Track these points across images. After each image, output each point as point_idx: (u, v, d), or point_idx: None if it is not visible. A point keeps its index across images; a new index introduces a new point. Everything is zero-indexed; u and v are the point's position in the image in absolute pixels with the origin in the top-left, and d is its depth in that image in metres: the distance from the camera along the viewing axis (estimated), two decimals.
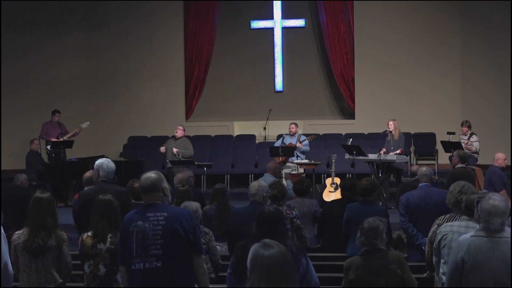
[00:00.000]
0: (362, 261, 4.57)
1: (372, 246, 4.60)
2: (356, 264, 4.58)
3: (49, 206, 5.22)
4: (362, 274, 4.51)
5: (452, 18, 14.83)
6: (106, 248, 5.03)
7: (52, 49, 15.39)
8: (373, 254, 4.58)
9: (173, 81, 15.81)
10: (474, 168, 9.92)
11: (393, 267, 4.50)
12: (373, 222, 4.67)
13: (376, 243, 4.62)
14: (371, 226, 4.64)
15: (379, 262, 4.53)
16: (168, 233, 4.20)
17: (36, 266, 5.15)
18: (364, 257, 4.59)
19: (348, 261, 4.66)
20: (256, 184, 6.12)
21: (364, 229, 4.64)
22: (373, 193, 7.09)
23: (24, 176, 9.44)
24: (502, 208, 4.15)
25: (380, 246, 4.61)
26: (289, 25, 15.92)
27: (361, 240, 4.65)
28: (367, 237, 4.62)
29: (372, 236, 4.61)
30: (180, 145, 12.25)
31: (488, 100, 14.20)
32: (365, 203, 6.97)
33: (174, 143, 12.29)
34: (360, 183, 7.14)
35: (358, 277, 4.51)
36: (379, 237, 4.63)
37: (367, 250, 4.61)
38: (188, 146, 12.29)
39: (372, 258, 4.56)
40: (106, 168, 6.15)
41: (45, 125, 13.47)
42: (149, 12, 15.70)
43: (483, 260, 4.11)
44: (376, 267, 4.51)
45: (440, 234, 5.03)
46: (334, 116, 16.03)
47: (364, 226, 4.65)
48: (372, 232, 4.62)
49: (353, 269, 4.56)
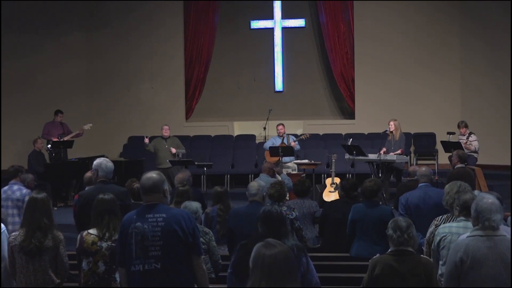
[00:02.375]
0: (392, 260, 4.44)
1: (405, 247, 4.46)
2: (384, 262, 4.46)
3: (45, 206, 5.19)
4: (389, 274, 4.40)
5: (452, 18, 14.83)
6: (107, 245, 5.01)
7: (52, 49, 15.39)
8: (403, 256, 4.44)
9: (173, 81, 15.81)
10: (474, 168, 9.92)
11: (419, 272, 4.38)
12: (406, 223, 4.51)
13: (410, 243, 4.47)
14: (408, 225, 4.48)
15: (409, 265, 4.40)
16: (167, 235, 4.19)
17: (33, 267, 5.14)
18: (394, 257, 4.46)
19: (375, 259, 4.54)
20: (256, 184, 6.13)
21: (402, 228, 4.46)
22: (378, 194, 7.09)
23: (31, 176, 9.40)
24: (499, 205, 4.22)
25: (410, 248, 4.47)
26: (289, 25, 15.91)
27: (394, 238, 4.46)
28: (399, 237, 4.45)
29: (404, 237, 4.46)
30: (172, 144, 12.34)
31: (488, 100, 14.20)
32: (370, 204, 6.97)
33: (166, 143, 12.36)
34: (364, 184, 7.13)
35: (384, 276, 4.40)
36: (412, 240, 4.48)
37: (398, 250, 4.47)
38: (180, 144, 12.48)
39: (402, 259, 4.43)
40: (105, 168, 6.14)
41: (47, 125, 13.48)
42: (149, 12, 15.70)
43: (482, 259, 4.12)
44: (405, 270, 4.39)
45: (438, 235, 5.02)
46: (334, 116, 16.03)
47: (402, 225, 4.47)
48: (410, 232, 4.47)
49: (379, 266, 4.44)
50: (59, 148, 12.99)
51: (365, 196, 7.08)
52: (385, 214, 6.90)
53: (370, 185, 7.05)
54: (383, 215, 6.86)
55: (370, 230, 6.83)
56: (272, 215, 4.36)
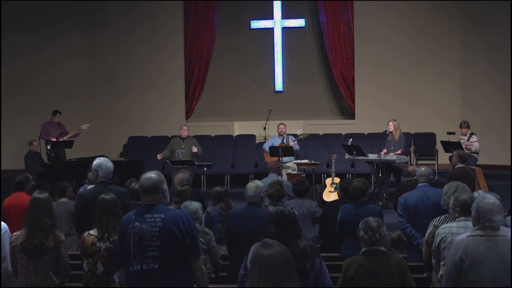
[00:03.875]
0: (364, 261, 4.50)
1: (377, 247, 4.52)
2: (357, 263, 4.52)
3: (47, 206, 5.19)
4: (362, 274, 4.45)
5: (452, 18, 14.82)
6: (105, 246, 5.02)
7: (52, 49, 15.39)
8: (375, 255, 4.51)
9: (173, 81, 15.81)
10: (474, 168, 9.92)
11: (393, 270, 4.44)
12: (379, 221, 4.58)
13: (381, 243, 4.52)
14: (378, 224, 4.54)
15: (381, 264, 4.47)
16: (165, 235, 4.19)
17: (34, 268, 5.14)
18: (366, 257, 4.52)
19: (348, 260, 4.60)
20: (254, 185, 6.12)
21: (373, 228, 4.52)
22: (366, 193, 7.09)
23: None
24: (500, 205, 4.23)
25: (382, 247, 4.53)
26: (289, 25, 15.92)
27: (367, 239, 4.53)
28: (371, 237, 4.52)
29: (376, 236, 4.51)
30: (190, 144, 12.20)
31: (488, 100, 14.19)
32: (359, 203, 6.98)
33: (183, 143, 12.21)
34: (353, 184, 7.14)
35: (357, 276, 4.46)
36: (383, 239, 4.54)
37: (369, 250, 4.53)
38: (198, 145, 12.31)
39: (374, 259, 4.49)
40: (105, 168, 6.14)
41: (45, 125, 13.46)
42: (149, 12, 15.70)
43: (482, 259, 4.12)
44: (377, 269, 4.45)
45: (439, 236, 5.02)
46: (334, 116, 16.03)
47: (372, 225, 4.53)
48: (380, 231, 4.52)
49: (352, 267, 4.50)
50: (59, 148, 12.99)
51: (354, 196, 7.08)
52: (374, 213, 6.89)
53: (358, 185, 7.05)
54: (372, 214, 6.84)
55: None
56: (285, 216, 4.37)
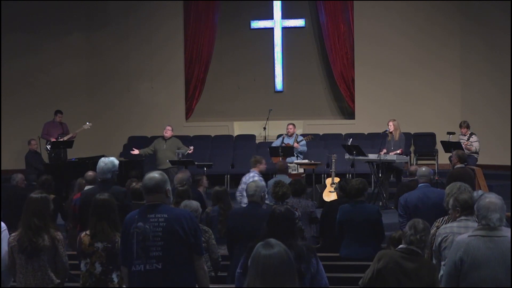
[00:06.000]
0: (398, 257, 4.44)
1: (413, 247, 4.46)
2: (389, 256, 4.47)
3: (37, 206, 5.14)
4: (393, 269, 4.40)
5: (452, 18, 14.82)
6: (102, 246, 5.02)
7: (52, 49, 15.39)
8: (410, 255, 4.45)
9: (173, 81, 15.80)
10: (473, 168, 9.91)
11: (423, 274, 4.38)
12: (424, 225, 4.53)
13: (422, 246, 4.48)
14: (426, 226, 4.50)
15: (413, 265, 4.40)
16: (168, 235, 4.18)
17: (32, 267, 5.12)
18: (400, 253, 4.47)
19: (382, 252, 4.56)
20: (254, 185, 6.12)
21: (419, 229, 4.47)
22: (364, 193, 7.09)
23: (20, 176, 9.42)
24: (499, 204, 4.19)
25: (420, 250, 4.48)
26: (289, 25, 15.91)
27: (412, 238, 4.46)
28: (411, 235, 4.46)
29: (416, 237, 4.46)
30: (173, 145, 12.30)
31: (488, 100, 14.19)
32: (357, 203, 6.98)
33: (165, 144, 12.32)
34: (351, 184, 7.13)
35: (386, 269, 4.40)
36: (423, 243, 4.48)
37: (407, 248, 4.47)
38: (181, 145, 12.43)
39: (409, 258, 4.43)
40: (100, 168, 6.14)
41: (46, 125, 13.49)
42: (149, 12, 15.70)
43: (482, 259, 4.11)
44: (408, 268, 4.39)
45: (440, 236, 5.01)
46: (334, 116, 16.03)
47: (419, 226, 4.48)
48: (427, 234, 4.49)
49: (384, 260, 4.45)
50: (59, 148, 13.00)
51: (352, 195, 7.07)
52: (372, 213, 6.90)
53: (356, 184, 7.04)
54: (370, 214, 6.86)
55: (357, 230, 6.84)
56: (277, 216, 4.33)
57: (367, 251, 6.57)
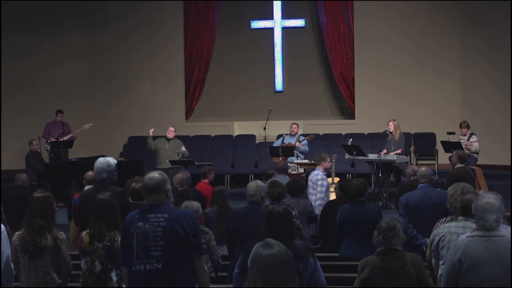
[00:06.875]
0: (378, 260, 4.46)
1: (390, 246, 4.47)
2: (372, 263, 4.48)
3: (39, 206, 5.16)
4: (378, 274, 4.41)
5: (452, 18, 14.82)
6: (102, 245, 5.03)
7: (52, 49, 15.40)
8: (389, 254, 4.46)
9: (173, 81, 15.81)
10: (474, 168, 9.92)
11: (409, 268, 4.39)
12: (390, 222, 4.54)
13: (394, 242, 4.48)
14: (389, 226, 4.50)
15: (396, 263, 4.42)
16: (168, 235, 4.19)
17: (35, 267, 5.13)
18: (381, 256, 4.48)
19: (363, 260, 4.56)
20: (254, 185, 6.12)
21: (382, 228, 4.49)
22: (364, 193, 7.09)
23: (25, 176, 9.44)
24: (496, 205, 4.18)
25: (397, 246, 4.49)
26: (289, 25, 15.91)
27: (379, 239, 4.49)
28: (385, 236, 4.47)
29: (390, 235, 4.47)
30: (175, 146, 12.30)
31: (488, 100, 14.19)
32: (357, 203, 6.98)
33: (168, 144, 12.32)
34: (351, 184, 7.13)
35: (373, 277, 4.42)
36: (396, 236, 4.49)
37: (383, 250, 4.49)
38: (183, 146, 12.42)
39: (388, 258, 4.45)
40: (96, 168, 6.14)
41: (48, 125, 13.51)
42: (149, 12, 15.71)
43: (480, 259, 4.11)
44: (392, 268, 4.41)
45: (438, 235, 5.02)
46: (334, 116, 16.03)
47: (382, 225, 4.51)
48: (390, 232, 4.48)
49: (368, 268, 4.46)
50: (59, 148, 13.01)
51: (352, 195, 7.07)
52: (372, 213, 6.90)
53: (356, 184, 7.04)
54: (371, 214, 6.86)
55: (358, 230, 6.84)
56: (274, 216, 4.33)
57: (367, 252, 6.54)
